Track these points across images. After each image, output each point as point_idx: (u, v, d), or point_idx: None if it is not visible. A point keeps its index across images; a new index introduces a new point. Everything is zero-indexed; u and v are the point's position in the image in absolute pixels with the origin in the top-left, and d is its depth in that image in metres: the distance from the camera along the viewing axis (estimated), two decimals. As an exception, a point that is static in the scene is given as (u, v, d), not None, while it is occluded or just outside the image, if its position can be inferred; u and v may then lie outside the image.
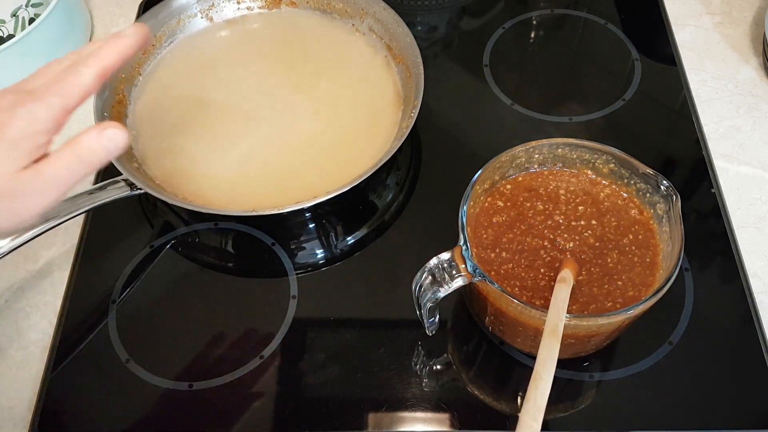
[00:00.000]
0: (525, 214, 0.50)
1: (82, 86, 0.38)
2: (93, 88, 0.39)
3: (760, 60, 0.70)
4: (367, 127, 0.63)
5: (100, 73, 0.39)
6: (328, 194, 0.54)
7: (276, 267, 0.58)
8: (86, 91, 0.39)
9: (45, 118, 0.37)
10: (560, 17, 0.75)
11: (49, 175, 0.38)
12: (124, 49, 0.40)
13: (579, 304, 0.46)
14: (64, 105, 0.38)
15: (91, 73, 0.39)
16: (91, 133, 0.38)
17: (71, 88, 0.38)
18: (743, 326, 0.53)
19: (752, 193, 0.61)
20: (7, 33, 0.75)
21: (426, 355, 0.53)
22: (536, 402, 0.38)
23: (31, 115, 0.37)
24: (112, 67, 0.39)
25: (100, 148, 0.39)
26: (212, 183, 0.60)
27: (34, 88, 0.38)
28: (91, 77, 0.39)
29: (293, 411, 0.50)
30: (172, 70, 0.68)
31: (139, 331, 0.55)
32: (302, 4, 0.72)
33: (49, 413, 0.51)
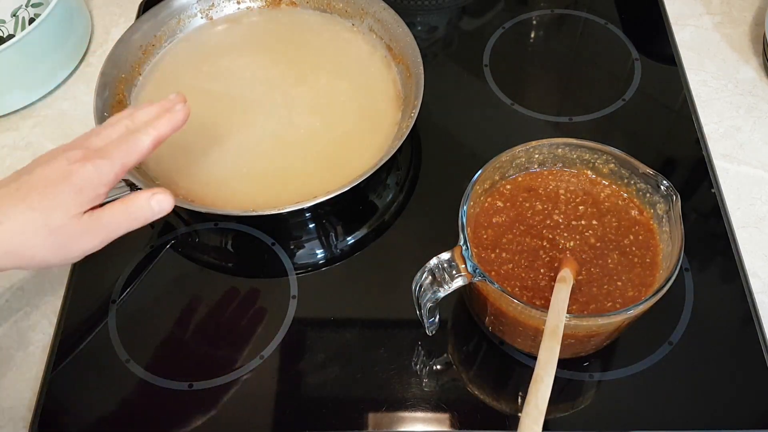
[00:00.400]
0: (524, 214, 0.50)
1: (141, 151, 0.46)
2: (148, 153, 0.47)
3: (760, 60, 0.70)
4: (367, 127, 0.63)
5: (156, 142, 0.47)
6: (328, 194, 0.54)
7: (276, 267, 0.58)
8: (143, 154, 0.46)
9: (108, 172, 0.44)
10: (560, 17, 0.75)
11: (104, 221, 0.44)
12: (176, 123, 0.48)
13: (579, 304, 0.46)
14: (124, 164, 0.45)
15: (149, 141, 0.46)
16: (143, 194, 0.46)
17: (132, 151, 0.46)
18: (743, 326, 0.53)
19: (752, 193, 0.61)
20: (7, 33, 0.75)
21: (426, 355, 0.53)
22: (537, 405, 0.38)
23: (98, 170, 0.44)
24: (165, 137, 0.47)
25: (147, 208, 0.46)
26: (212, 183, 0.60)
27: (99, 147, 0.46)
28: (149, 144, 0.46)
29: (293, 411, 0.50)
30: (172, 70, 0.68)
31: (139, 331, 0.55)
32: (302, 4, 0.72)
33: (49, 413, 0.51)
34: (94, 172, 0.43)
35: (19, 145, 0.68)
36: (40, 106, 0.71)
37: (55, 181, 0.43)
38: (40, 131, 0.69)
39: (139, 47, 0.67)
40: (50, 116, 0.70)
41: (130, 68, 0.66)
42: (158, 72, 0.68)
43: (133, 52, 0.66)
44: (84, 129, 0.68)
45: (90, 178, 0.43)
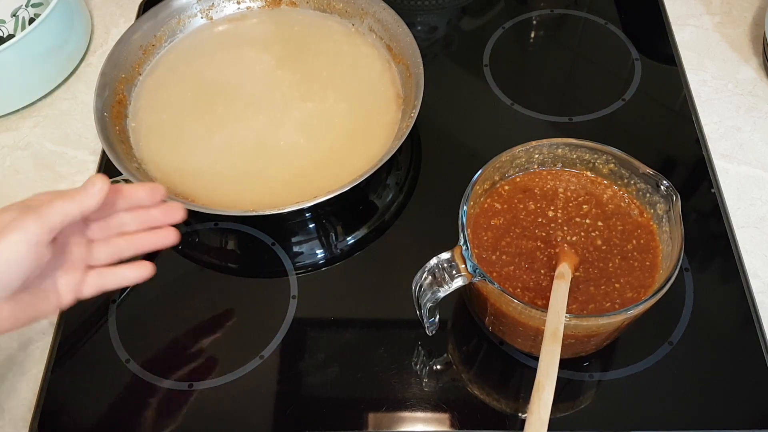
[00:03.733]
0: (518, 216, 0.50)
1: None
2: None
3: (760, 60, 0.70)
4: (367, 127, 0.63)
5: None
6: (328, 194, 0.54)
7: (276, 267, 0.58)
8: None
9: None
10: (560, 17, 0.75)
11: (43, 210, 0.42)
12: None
13: (578, 303, 0.46)
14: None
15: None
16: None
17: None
18: (743, 326, 0.53)
19: (752, 193, 0.61)
20: (7, 33, 0.75)
21: (426, 355, 0.53)
22: (540, 415, 0.38)
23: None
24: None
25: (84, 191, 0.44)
26: (212, 183, 0.60)
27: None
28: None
29: (293, 411, 0.50)
30: (172, 70, 0.68)
31: (139, 331, 0.55)
32: (302, 4, 0.72)
33: (49, 413, 0.51)
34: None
35: (19, 145, 0.68)
36: (40, 106, 0.71)
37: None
38: (40, 131, 0.69)
39: (139, 47, 0.67)
40: (50, 116, 0.70)
41: (130, 68, 0.66)
42: (158, 72, 0.68)
43: (133, 52, 0.66)
44: (84, 129, 0.68)
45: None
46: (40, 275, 0.44)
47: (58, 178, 0.65)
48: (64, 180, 0.65)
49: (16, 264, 0.40)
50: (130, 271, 0.48)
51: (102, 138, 0.58)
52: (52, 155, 0.67)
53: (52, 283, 0.45)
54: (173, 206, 0.50)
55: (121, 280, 0.48)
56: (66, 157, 0.67)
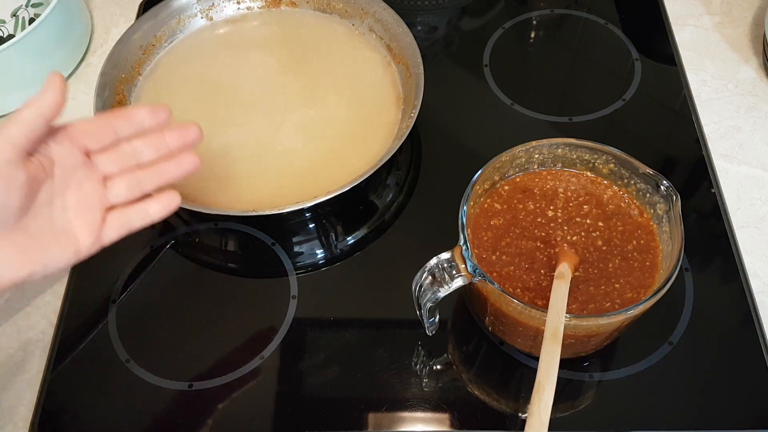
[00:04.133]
0: (518, 216, 0.50)
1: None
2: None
3: (760, 60, 0.70)
4: (367, 127, 0.63)
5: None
6: (328, 194, 0.54)
7: (276, 267, 0.58)
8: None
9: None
10: (560, 17, 0.75)
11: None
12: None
13: (578, 303, 0.46)
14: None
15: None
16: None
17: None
18: (743, 326, 0.53)
19: (752, 193, 0.61)
20: (7, 33, 0.75)
21: (426, 355, 0.53)
22: (540, 416, 0.38)
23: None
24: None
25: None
26: (212, 183, 0.60)
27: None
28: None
29: (293, 411, 0.50)
30: (172, 70, 0.68)
31: (139, 331, 0.55)
32: (302, 4, 0.72)
33: (49, 413, 0.51)
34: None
35: (19, 145, 0.68)
36: (40, 106, 0.71)
37: None
38: (40, 131, 0.69)
39: (139, 47, 0.67)
40: (50, 116, 0.70)
41: (130, 68, 0.66)
42: (158, 72, 0.68)
43: (133, 52, 0.66)
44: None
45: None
46: (46, 217, 0.41)
47: (58, 178, 0.65)
48: (64, 180, 0.65)
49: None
50: (155, 203, 0.45)
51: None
52: (52, 155, 0.67)
53: (64, 226, 0.42)
54: (186, 125, 0.45)
55: (147, 216, 0.45)
56: (66, 157, 0.67)
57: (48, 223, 0.41)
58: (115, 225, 0.44)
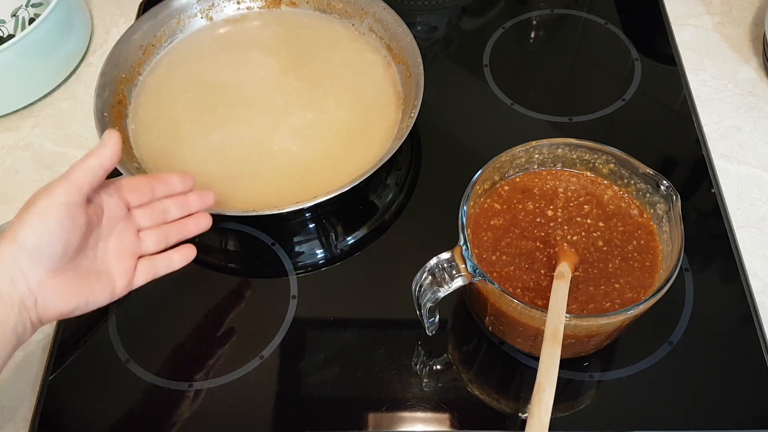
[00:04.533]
0: (517, 217, 0.50)
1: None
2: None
3: (760, 60, 0.70)
4: (367, 127, 0.63)
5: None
6: (328, 194, 0.54)
7: (276, 267, 0.58)
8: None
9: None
10: (560, 17, 0.75)
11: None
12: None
13: (578, 303, 0.46)
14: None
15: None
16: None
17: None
18: (743, 326, 0.53)
19: (752, 193, 0.61)
20: (7, 33, 0.75)
21: (426, 355, 0.53)
22: (540, 417, 0.38)
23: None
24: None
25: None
26: (212, 183, 0.59)
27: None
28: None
29: (293, 411, 0.50)
30: (172, 70, 0.68)
31: (139, 331, 0.55)
32: (302, 4, 0.72)
33: (49, 413, 0.51)
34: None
35: (19, 145, 0.68)
36: (40, 106, 0.71)
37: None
38: (40, 131, 0.69)
39: (139, 47, 0.67)
40: (50, 116, 0.70)
41: (130, 68, 0.66)
42: (158, 72, 0.68)
43: (133, 52, 0.66)
44: (84, 129, 0.68)
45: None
46: (92, 259, 0.45)
47: (58, 178, 0.65)
48: (64, 180, 0.65)
49: (51, 226, 0.41)
50: (177, 254, 0.51)
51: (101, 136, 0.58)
52: (52, 155, 0.67)
53: (105, 268, 0.46)
54: (205, 191, 0.53)
55: (171, 265, 0.50)
56: (66, 157, 0.67)
57: (93, 264, 0.46)
58: (145, 271, 0.49)
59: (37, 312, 0.42)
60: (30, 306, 0.42)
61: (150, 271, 0.49)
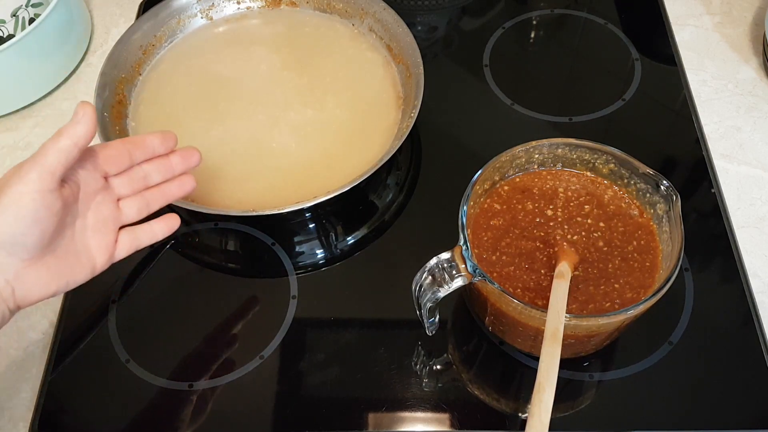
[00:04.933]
0: (516, 217, 0.50)
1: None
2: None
3: (760, 60, 0.70)
4: (367, 127, 0.63)
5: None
6: (328, 194, 0.54)
7: (276, 267, 0.58)
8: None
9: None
10: (560, 17, 0.75)
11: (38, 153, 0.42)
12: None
13: (578, 303, 0.46)
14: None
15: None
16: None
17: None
18: (743, 326, 0.53)
19: (752, 193, 0.61)
20: (7, 33, 0.75)
21: (426, 355, 0.53)
22: (541, 418, 0.38)
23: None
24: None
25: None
26: (212, 182, 0.60)
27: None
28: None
29: (293, 411, 0.50)
30: (172, 70, 0.68)
31: (139, 331, 0.55)
32: (302, 4, 0.72)
33: (49, 413, 0.51)
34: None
35: (19, 145, 0.68)
36: (40, 106, 0.71)
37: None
38: (41, 131, 0.69)
39: (139, 47, 0.67)
40: (50, 116, 0.70)
41: (130, 68, 0.66)
42: (158, 72, 0.68)
43: (133, 52, 0.66)
44: (84, 129, 0.68)
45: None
46: (69, 236, 0.43)
47: (58, 178, 0.65)
48: (64, 180, 0.65)
49: (26, 218, 0.39)
50: (160, 224, 0.49)
51: (102, 138, 0.58)
52: (52, 155, 0.67)
53: (84, 246, 0.44)
54: (188, 151, 0.50)
55: (153, 235, 0.49)
56: (66, 157, 0.67)
57: (71, 243, 0.44)
58: (126, 244, 0.47)
59: (15, 300, 0.41)
60: (7, 296, 0.41)
61: (132, 242, 0.47)
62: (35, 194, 0.39)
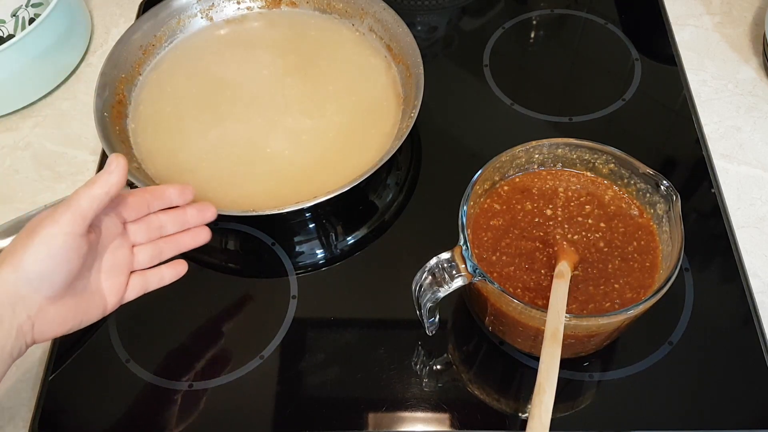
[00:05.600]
0: (516, 217, 0.50)
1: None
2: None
3: (760, 60, 0.70)
4: (367, 127, 0.63)
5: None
6: (328, 194, 0.54)
7: (276, 267, 0.58)
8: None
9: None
10: (560, 17, 0.75)
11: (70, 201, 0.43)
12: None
13: (578, 303, 0.46)
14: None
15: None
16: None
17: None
18: (743, 326, 0.53)
19: (752, 193, 0.61)
20: (7, 33, 0.75)
21: (426, 355, 0.53)
22: (541, 419, 0.38)
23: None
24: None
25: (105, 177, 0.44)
26: (212, 183, 0.60)
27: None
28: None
29: (293, 411, 0.50)
30: (172, 70, 0.68)
31: (139, 331, 0.55)
32: (302, 4, 0.72)
33: (49, 413, 0.51)
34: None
35: (19, 145, 0.68)
36: (40, 106, 0.71)
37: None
38: (40, 131, 0.69)
39: (139, 47, 0.67)
40: (50, 116, 0.70)
41: (130, 68, 0.66)
42: (158, 72, 0.68)
43: (133, 52, 0.66)
44: (84, 129, 0.68)
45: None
46: (86, 276, 0.45)
47: (58, 178, 0.65)
48: (64, 180, 0.65)
49: (56, 257, 0.41)
50: (168, 270, 0.50)
51: (102, 138, 0.58)
52: (52, 155, 0.67)
53: (98, 287, 0.46)
54: (205, 205, 0.51)
55: (162, 280, 0.50)
56: (66, 157, 0.67)
57: (88, 283, 0.45)
58: (137, 287, 0.49)
59: (33, 336, 0.42)
60: (27, 331, 0.42)
61: (141, 286, 0.49)
62: (66, 236, 0.41)
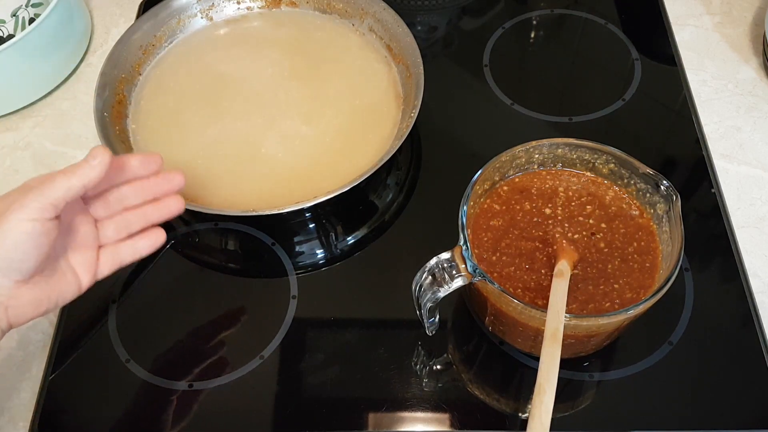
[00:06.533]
0: (515, 217, 0.50)
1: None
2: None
3: (760, 60, 0.70)
4: (367, 128, 0.63)
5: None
6: (328, 194, 0.54)
7: (276, 267, 0.58)
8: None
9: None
10: (560, 17, 0.75)
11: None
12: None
13: (578, 303, 0.46)
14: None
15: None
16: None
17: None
18: (743, 326, 0.53)
19: (752, 193, 0.61)
20: (7, 33, 0.75)
21: (426, 355, 0.53)
22: (541, 420, 0.38)
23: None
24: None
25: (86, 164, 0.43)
26: (212, 183, 0.60)
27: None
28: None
29: (293, 411, 0.50)
30: (172, 70, 0.68)
31: (139, 331, 0.55)
32: (302, 4, 0.72)
33: (49, 413, 0.51)
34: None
35: (19, 145, 0.68)
36: (40, 106, 0.71)
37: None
38: (40, 131, 0.69)
39: (139, 47, 0.67)
40: (50, 116, 0.70)
41: (130, 68, 0.66)
42: (158, 72, 0.68)
43: (133, 52, 0.66)
44: (84, 129, 0.68)
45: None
46: (53, 257, 0.44)
47: (58, 178, 0.65)
48: (64, 180, 0.65)
49: (25, 243, 0.40)
50: (143, 240, 0.49)
51: (102, 138, 0.58)
52: (52, 155, 0.67)
53: (67, 264, 0.45)
54: (172, 174, 0.49)
55: (136, 252, 0.49)
56: (66, 157, 0.67)
57: (56, 263, 0.45)
58: (108, 262, 0.48)
59: (8, 320, 0.42)
60: (1, 317, 0.42)
61: (114, 260, 0.48)
62: (36, 222, 0.40)
